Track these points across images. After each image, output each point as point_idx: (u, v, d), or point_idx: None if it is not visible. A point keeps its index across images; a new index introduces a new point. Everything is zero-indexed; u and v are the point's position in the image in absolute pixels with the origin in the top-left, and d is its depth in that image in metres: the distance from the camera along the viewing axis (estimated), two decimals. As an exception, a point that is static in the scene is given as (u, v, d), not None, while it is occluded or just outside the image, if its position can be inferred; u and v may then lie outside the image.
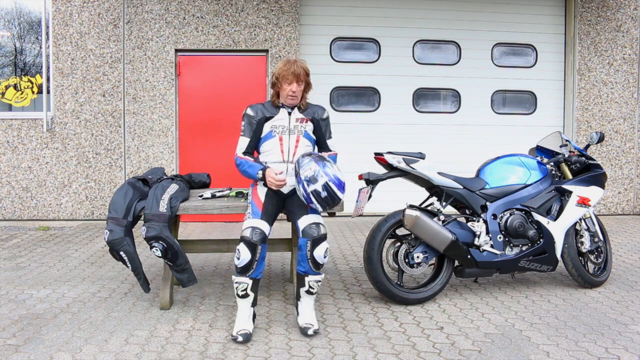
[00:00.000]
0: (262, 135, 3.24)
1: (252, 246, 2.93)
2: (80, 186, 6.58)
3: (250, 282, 2.97)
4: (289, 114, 3.24)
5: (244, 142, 3.23)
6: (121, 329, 3.07)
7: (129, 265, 3.29)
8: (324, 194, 2.93)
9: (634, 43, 7.17)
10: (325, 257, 3.03)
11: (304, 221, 3.05)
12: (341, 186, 2.98)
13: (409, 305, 3.50)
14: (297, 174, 3.02)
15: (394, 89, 7.02)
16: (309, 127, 3.28)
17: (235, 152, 3.23)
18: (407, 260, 3.50)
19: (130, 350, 2.78)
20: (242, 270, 2.95)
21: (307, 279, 3.06)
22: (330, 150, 3.40)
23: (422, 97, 7.15)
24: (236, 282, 2.98)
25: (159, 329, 3.08)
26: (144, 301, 3.57)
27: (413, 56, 7.07)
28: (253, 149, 3.28)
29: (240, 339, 2.87)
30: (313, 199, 2.96)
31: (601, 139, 4.02)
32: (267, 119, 3.22)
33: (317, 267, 3.04)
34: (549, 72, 7.29)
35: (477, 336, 3.02)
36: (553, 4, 7.27)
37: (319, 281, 3.08)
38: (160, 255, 3.23)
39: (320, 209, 3.02)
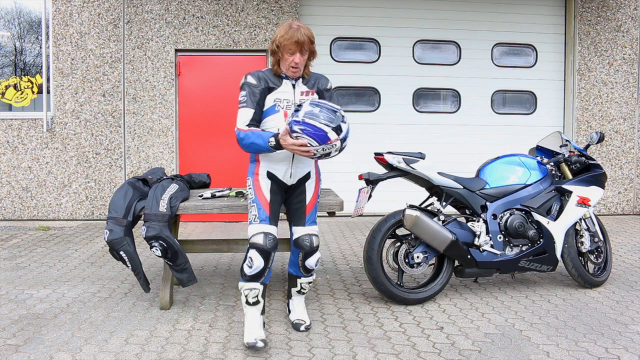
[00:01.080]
0: (264, 109, 2.86)
1: (266, 254, 2.78)
2: (80, 186, 6.58)
3: (261, 287, 2.84)
4: (293, 86, 2.90)
5: (246, 113, 2.81)
6: (121, 329, 3.07)
7: (129, 265, 3.29)
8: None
9: (634, 43, 7.17)
10: (316, 265, 3.05)
11: (299, 230, 2.97)
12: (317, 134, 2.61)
13: (409, 305, 3.50)
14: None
15: (394, 89, 7.02)
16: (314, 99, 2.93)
17: (236, 125, 2.82)
18: (407, 260, 3.50)
19: (130, 350, 2.78)
20: (253, 278, 2.81)
21: (299, 280, 3.13)
22: None
23: (422, 97, 7.15)
24: (247, 289, 2.82)
25: (159, 329, 3.08)
26: (144, 301, 3.57)
27: (413, 56, 7.07)
28: (258, 121, 2.85)
29: (260, 344, 2.71)
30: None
31: (601, 139, 4.02)
32: (270, 89, 2.87)
33: (308, 272, 3.08)
34: (549, 72, 7.29)
35: (477, 336, 3.02)
36: (553, 4, 7.27)
37: (310, 282, 3.16)
38: (160, 255, 3.23)
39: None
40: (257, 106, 2.82)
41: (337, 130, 2.60)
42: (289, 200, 3.06)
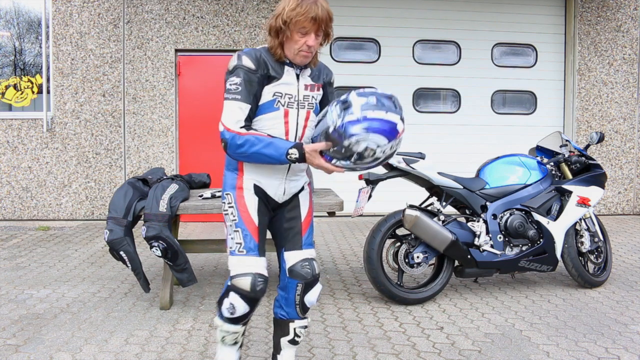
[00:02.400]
0: (260, 103, 2.12)
1: (252, 300, 2.16)
2: (80, 186, 6.58)
3: (243, 329, 2.29)
4: (297, 77, 2.18)
5: (239, 109, 2.05)
6: (121, 329, 3.07)
7: (129, 265, 3.29)
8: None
9: (634, 43, 7.17)
10: (317, 300, 2.38)
11: (294, 256, 2.26)
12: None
13: (409, 305, 3.50)
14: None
15: (394, 89, 6.93)
16: (319, 96, 2.28)
17: (224, 125, 2.06)
18: (407, 260, 3.50)
19: (130, 350, 2.78)
20: (235, 321, 2.21)
21: (292, 325, 2.31)
22: None
23: (422, 97, 7.15)
24: (224, 331, 2.24)
25: (159, 329, 3.08)
26: (144, 301, 3.57)
27: (413, 56, 7.07)
28: (251, 120, 2.12)
29: None
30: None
31: (601, 139, 4.02)
32: (270, 79, 2.11)
33: (306, 311, 2.32)
34: (549, 72, 7.29)
35: (477, 336, 3.02)
36: (553, 4, 7.27)
37: (307, 326, 2.37)
38: (160, 255, 3.23)
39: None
40: (253, 100, 2.07)
41: (403, 119, 2.04)
42: (276, 217, 2.32)
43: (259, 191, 2.21)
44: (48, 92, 6.57)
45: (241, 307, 2.14)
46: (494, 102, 7.25)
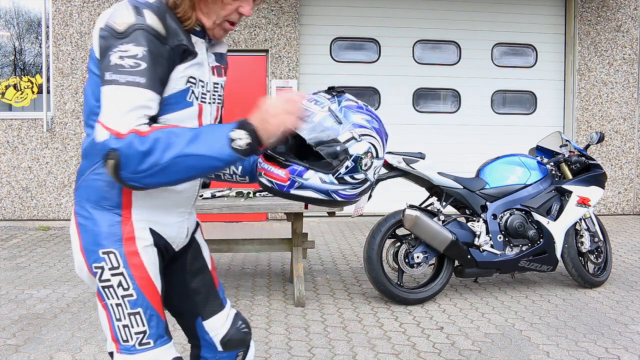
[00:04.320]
0: (168, 94, 1.29)
1: None
2: (80, 186, 6.58)
3: None
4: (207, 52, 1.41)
5: (143, 99, 1.20)
6: (121, 329, 3.07)
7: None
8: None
9: (634, 43, 7.16)
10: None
11: (220, 321, 1.58)
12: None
13: (409, 305, 3.50)
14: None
15: (394, 89, 7.02)
16: (224, 84, 1.54)
17: (106, 127, 1.17)
18: (407, 260, 3.50)
19: (130, 350, 2.78)
20: None
21: None
22: None
23: (422, 97, 7.15)
24: None
25: (159, 329, 3.08)
26: (144, 301, 3.57)
27: (413, 56, 7.07)
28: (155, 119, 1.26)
29: None
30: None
31: (601, 139, 4.02)
32: (185, 54, 1.31)
33: None
34: (549, 72, 7.29)
35: (477, 336, 3.02)
36: (553, 4, 7.27)
37: None
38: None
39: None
40: (161, 88, 1.26)
41: None
42: (173, 275, 1.56)
43: (157, 240, 1.40)
44: (48, 92, 6.57)
45: None
46: (494, 102, 7.25)
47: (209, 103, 1.41)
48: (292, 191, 1.33)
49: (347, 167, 1.31)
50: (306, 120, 1.29)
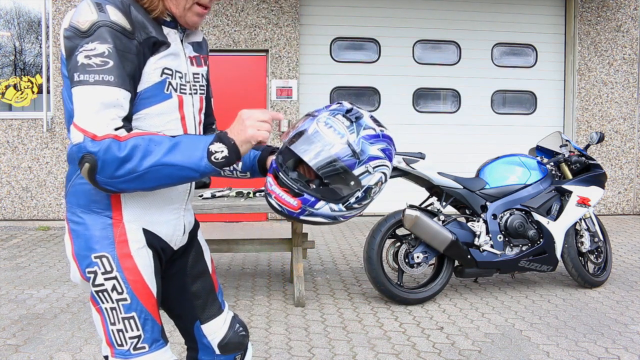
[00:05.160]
0: (143, 87, 1.27)
1: None
2: (80, 186, 6.58)
3: None
4: (182, 44, 1.38)
5: (113, 99, 1.17)
6: (121, 329, 3.07)
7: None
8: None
9: (634, 43, 7.16)
10: None
11: (219, 325, 1.57)
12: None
13: (409, 305, 3.50)
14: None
15: (394, 89, 7.02)
16: (206, 74, 1.50)
17: (82, 129, 1.15)
18: (407, 260, 3.50)
19: (130, 350, 2.78)
20: None
21: None
22: (214, 122, 1.65)
23: (422, 97, 7.15)
24: None
25: (159, 329, 3.08)
26: (144, 301, 3.57)
27: (413, 56, 7.07)
28: (131, 114, 1.24)
29: None
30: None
31: (601, 139, 4.03)
32: (155, 47, 1.28)
33: None
34: (549, 72, 7.29)
35: (477, 336, 3.02)
36: (553, 4, 7.27)
37: None
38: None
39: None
40: (131, 85, 1.23)
41: None
42: (172, 277, 1.55)
43: (152, 240, 1.37)
44: (48, 92, 6.56)
45: None
46: (494, 102, 7.25)
47: (190, 94, 1.39)
48: (302, 217, 1.37)
49: (357, 197, 1.35)
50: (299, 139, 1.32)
